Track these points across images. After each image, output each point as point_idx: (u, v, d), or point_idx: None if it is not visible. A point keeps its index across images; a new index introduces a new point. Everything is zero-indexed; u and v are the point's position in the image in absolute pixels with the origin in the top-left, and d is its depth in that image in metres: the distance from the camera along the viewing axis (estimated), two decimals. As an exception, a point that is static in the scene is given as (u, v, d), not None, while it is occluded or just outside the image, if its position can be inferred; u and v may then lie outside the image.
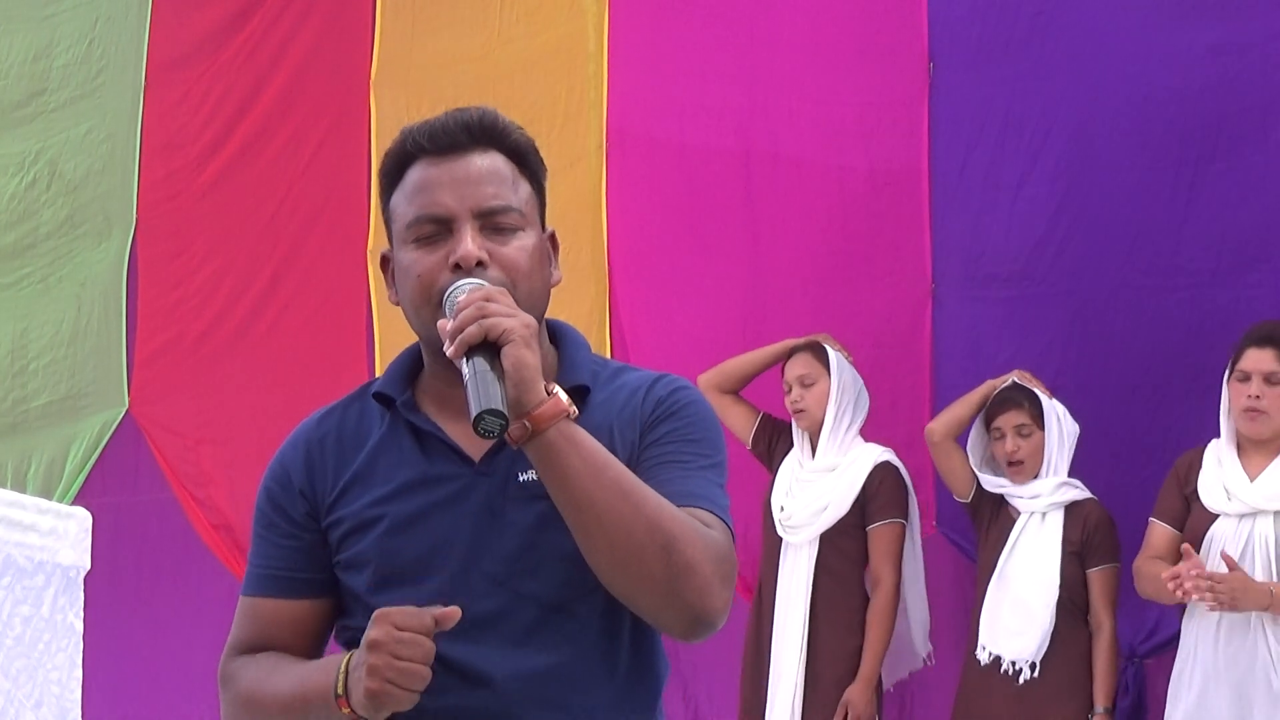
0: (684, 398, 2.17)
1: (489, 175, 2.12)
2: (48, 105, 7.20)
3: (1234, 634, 4.66)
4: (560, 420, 1.99)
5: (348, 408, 2.23)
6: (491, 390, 1.95)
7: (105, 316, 6.95)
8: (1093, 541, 5.07)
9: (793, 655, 5.26)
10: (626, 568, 2.00)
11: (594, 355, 2.21)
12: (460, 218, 2.09)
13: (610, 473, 2.01)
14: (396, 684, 1.95)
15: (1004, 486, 5.21)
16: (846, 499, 5.31)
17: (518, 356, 1.97)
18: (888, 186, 5.80)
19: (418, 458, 2.13)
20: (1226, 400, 4.82)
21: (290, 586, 2.17)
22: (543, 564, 2.07)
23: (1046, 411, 5.16)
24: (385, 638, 1.96)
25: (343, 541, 2.14)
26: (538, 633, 2.06)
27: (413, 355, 2.23)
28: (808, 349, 5.45)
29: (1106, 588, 5.06)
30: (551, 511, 2.05)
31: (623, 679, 2.11)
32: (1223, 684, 4.67)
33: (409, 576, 2.09)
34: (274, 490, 2.20)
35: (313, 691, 2.06)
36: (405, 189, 2.14)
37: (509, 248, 2.11)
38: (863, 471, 5.34)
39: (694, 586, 2.01)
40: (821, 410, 5.38)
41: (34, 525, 4.10)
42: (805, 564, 5.31)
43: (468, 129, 2.14)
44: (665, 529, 2.00)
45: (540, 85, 6.27)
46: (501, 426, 1.95)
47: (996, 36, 5.68)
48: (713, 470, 2.13)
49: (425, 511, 2.10)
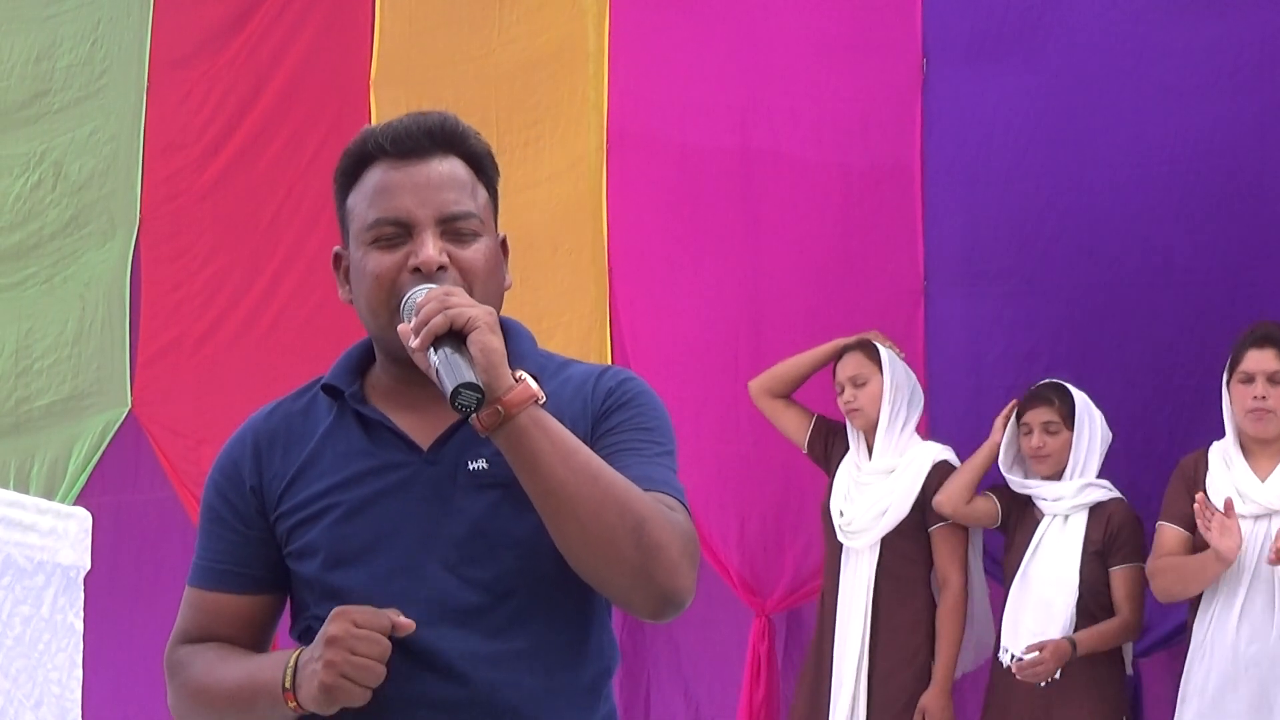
0: (633, 388, 2.20)
1: (449, 181, 2.16)
2: (51, 106, 7.22)
3: (1256, 635, 4.62)
4: (530, 405, 2.02)
5: (295, 401, 2.26)
6: (463, 368, 1.98)
7: (109, 317, 6.97)
8: (1116, 541, 5.00)
9: (852, 661, 5.20)
10: (598, 550, 2.03)
11: (540, 349, 2.24)
12: (421, 223, 2.13)
13: (580, 457, 2.04)
14: (351, 679, 1.99)
15: (1030, 488, 5.17)
16: (906, 501, 5.25)
17: (484, 342, 2.00)
18: (881, 183, 5.81)
19: (366, 446, 2.16)
20: (1229, 402, 4.80)
21: (237, 581, 2.20)
22: (492, 551, 2.10)
23: (1079, 412, 5.10)
24: (343, 633, 2.00)
25: (292, 532, 2.16)
26: (486, 618, 2.09)
27: (362, 350, 2.26)
28: (859, 348, 5.39)
29: (1129, 584, 4.98)
30: (501, 499, 2.09)
31: (571, 665, 2.13)
32: (1242, 686, 4.62)
33: (358, 559, 2.11)
34: (222, 485, 2.22)
35: (261, 684, 2.09)
36: (365, 190, 2.17)
37: (468, 251, 2.14)
38: (921, 472, 5.27)
39: (663, 567, 2.03)
40: (876, 409, 5.32)
41: (34, 525, 4.12)
42: (866, 569, 5.25)
43: (430, 134, 2.17)
44: (635, 511, 2.03)
45: (541, 85, 6.28)
46: (478, 400, 1.97)
47: (989, 32, 5.68)
48: (667, 456, 2.17)
49: (374, 499, 2.13)
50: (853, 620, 5.23)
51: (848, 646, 5.23)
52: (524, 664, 2.09)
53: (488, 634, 2.09)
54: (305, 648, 2.07)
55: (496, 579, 2.09)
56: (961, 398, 5.67)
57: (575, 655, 2.14)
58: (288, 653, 2.09)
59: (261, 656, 2.16)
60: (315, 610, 2.14)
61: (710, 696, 5.95)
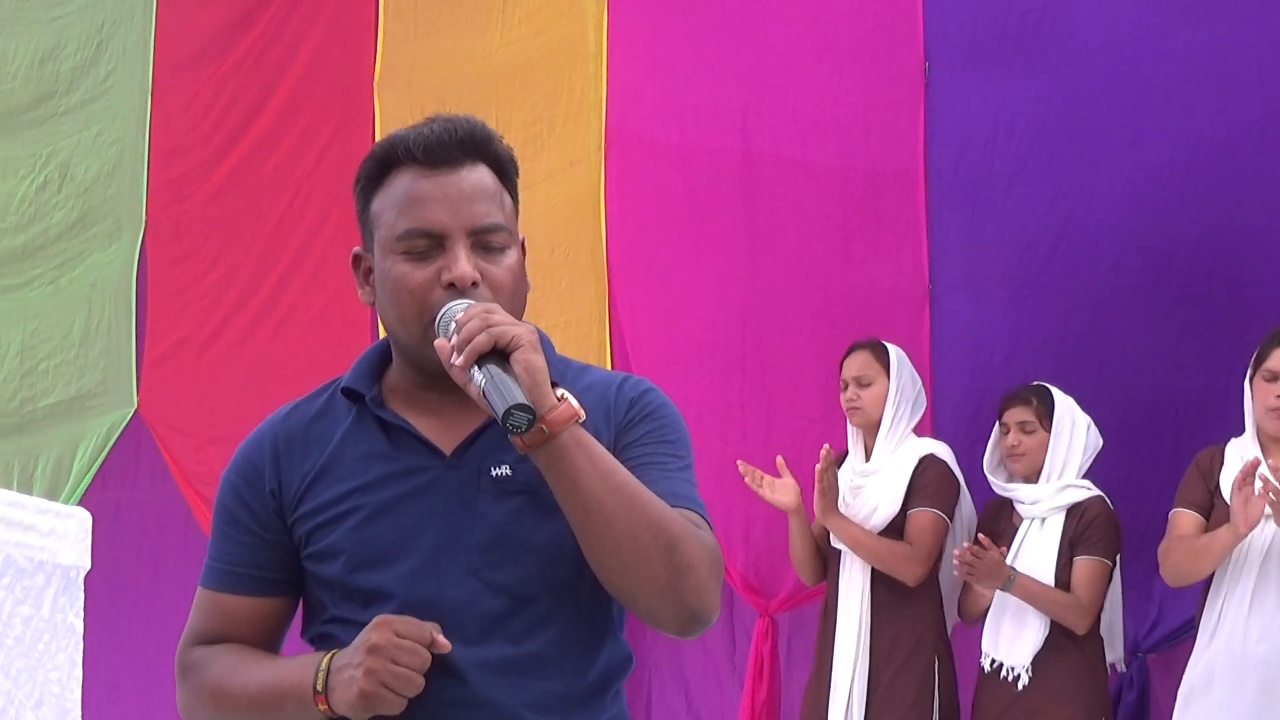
0: (655, 399, 2.21)
1: (480, 192, 2.15)
2: (58, 108, 7.24)
3: (1266, 632, 4.58)
4: (573, 424, 2.03)
5: (312, 403, 2.25)
6: (513, 388, 1.98)
7: (115, 318, 6.99)
8: (1084, 534, 4.97)
9: (849, 664, 5.18)
10: (631, 568, 2.04)
11: (558, 355, 2.24)
12: (454, 235, 2.12)
13: (618, 476, 2.05)
14: (391, 688, 2.00)
15: (1009, 491, 5.16)
16: (896, 497, 5.21)
17: (529, 361, 2.00)
18: (884, 186, 5.80)
19: (387, 450, 2.16)
20: (1250, 399, 4.77)
21: (252, 584, 2.20)
22: (515, 557, 2.10)
23: (1059, 413, 5.09)
24: (386, 642, 2.00)
25: (312, 534, 2.16)
26: (506, 623, 2.10)
27: (379, 352, 2.26)
28: (868, 347, 5.35)
29: (1087, 575, 4.91)
30: (524, 506, 2.10)
31: (587, 670, 2.14)
32: (1248, 683, 4.59)
33: (381, 561, 2.12)
34: (240, 487, 2.21)
35: (288, 686, 2.09)
36: (393, 197, 2.16)
37: (499, 268, 2.14)
38: (908, 467, 5.23)
39: (692, 586, 2.05)
40: (877, 411, 5.28)
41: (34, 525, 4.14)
42: (861, 571, 5.23)
43: (461, 144, 2.16)
44: (668, 530, 2.04)
45: (541, 86, 6.29)
46: (530, 421, 1.98)
47: (991, 35, 5.68)
48: (688, 471, 2.19)
49: (396, 502, 2.13)
50: (850, 623, 5.22)
51: (845, 649, 5.21)
52: (540, 668, 2.10)
53: (509, 639, 2.10)
54: (338, 650, 2.07)
55: (519, 584, 2.10)
56: (965, 401, 5.67)
57: (589, 658, 2.15)
58: (316, 655, 2.09)
59: (286, 659, 2.16)
60: (335, 611, 2.14)
61: (710, 698, 5.96)
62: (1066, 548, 4.99)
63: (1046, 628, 4.95)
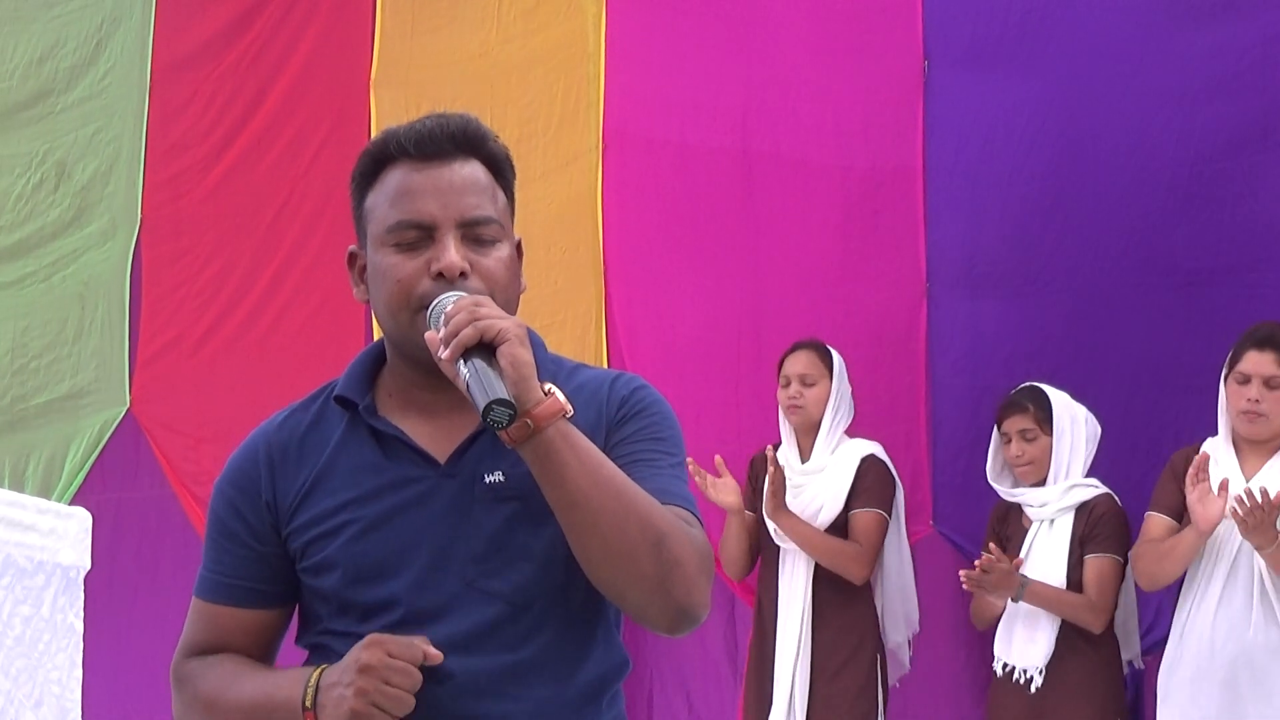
0: (647, 396, 2.21)
1: (471, 185, 2.15)
2: (55, 106, 7.22)
3: (1233, 632, 4.61)
4: (559, 419, 2.02)
5: (305, 410, 2.24)
6: (495, 383, 1.97)
7: (108, 316, 6.96)
8: (1094, 531, 4.98)
9: (789, 662, 5.23)
10: (619, 564, 2.03)
11: (550, 354, 2.23)
12: (443, 226, 2.12)
13: (605, 471, 2.04)
14: (382, 708, 2.00)
15: (1016, 496, 5.17)
16: (839, 498, 5.31)
17: (515, 355, 1.99)
18: (883, 185, 5.81)
19: (380, 460, 2.15)
20: (1224, 400, 4.79)
21: (248, 596, 2.20)
22: (510, 564, 2.10)
23: (1057, 415, 5.10)
24: (377, 663, 2.00)
25: (308, 547, 2.15)
26: (502, 631, 2.09)
27: (372, 356, 2.25)
28: (811, 347, 5.44)
29: (1099, 572, 4.94)
30: (519, 512, 2.10)
31: (582, 674, 2.14)
32: (1217, 681, 4.61)
33: (378, 575, 2.11)
34: (234, 497, 2.20)
35: (278, 701, 2.08)
36: (385, 191, 2.16)
37: (489, 259, 2.14)
38: (851, 468, 5.33)
39: (681, 583, 2.04)
40: (819, 411, 5.39)
41: (34, 525, 4.12)
42: (804, 569, 5.30)
43: (452, 137, 2.16)
44: (656, 526, 2.04)
45: (538, 84, 6.28)
46: (510, 416, 1.97)
47: (990, 35, 5.69)
48: (680, 468, 2.18)
49: (392, 513, 2.12)
50: (791, 621, 5.27)
51: (786, 647, 5.26)
52: (536, 673, 2.10)
53: (505, 646, 2.09)
54: (327, 666, 2.07)
55: (514, 591, 2.10)
56: (964, 400, 5.67)
57: (584, 662, 2.14)
58: (306, 671, 2.09)
59: (278, 673, 2.15)
60: (329, 624, 2.14)
61: (709, 698, 5.95)
62: (1077, 546, 5.01)
63: (1057, 626, 4.95)
